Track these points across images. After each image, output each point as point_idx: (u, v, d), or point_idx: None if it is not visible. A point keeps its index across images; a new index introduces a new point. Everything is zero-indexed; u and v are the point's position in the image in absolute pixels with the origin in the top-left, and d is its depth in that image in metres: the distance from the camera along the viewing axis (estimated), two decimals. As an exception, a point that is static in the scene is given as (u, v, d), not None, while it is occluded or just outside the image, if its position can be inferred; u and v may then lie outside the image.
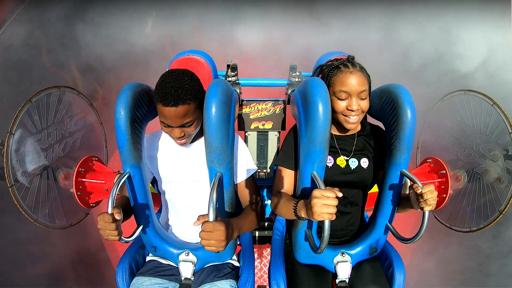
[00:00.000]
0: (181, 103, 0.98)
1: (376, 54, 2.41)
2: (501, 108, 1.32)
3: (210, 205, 0.89)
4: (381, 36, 2.43)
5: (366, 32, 2.50)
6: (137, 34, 2.56)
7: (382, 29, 2.42)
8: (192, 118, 1.03)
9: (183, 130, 1.05)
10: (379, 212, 1.12)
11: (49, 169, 1.38)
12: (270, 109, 1.63)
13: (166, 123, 1.03)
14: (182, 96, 0.98)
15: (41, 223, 1.30)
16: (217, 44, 2.94)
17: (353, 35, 2.50)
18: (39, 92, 1.31)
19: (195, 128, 1.08)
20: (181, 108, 0.99)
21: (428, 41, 2.33)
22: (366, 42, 2.47)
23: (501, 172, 1.33)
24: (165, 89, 0.98)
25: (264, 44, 3.08)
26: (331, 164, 1.12)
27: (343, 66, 1.04)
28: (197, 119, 1.06)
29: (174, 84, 0.98)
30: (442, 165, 1.41)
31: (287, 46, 2.97)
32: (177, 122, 1.01)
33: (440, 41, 2.29)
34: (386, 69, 2.24)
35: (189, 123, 1.04)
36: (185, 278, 1.13)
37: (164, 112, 1.00)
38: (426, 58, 2.32)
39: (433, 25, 2.31)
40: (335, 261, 1.13)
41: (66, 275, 1.85)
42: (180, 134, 1.05)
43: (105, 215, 0.92)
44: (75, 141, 1.56)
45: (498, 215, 1.32)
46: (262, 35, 3.08)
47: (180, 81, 1.00)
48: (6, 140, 1.19)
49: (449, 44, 2.21)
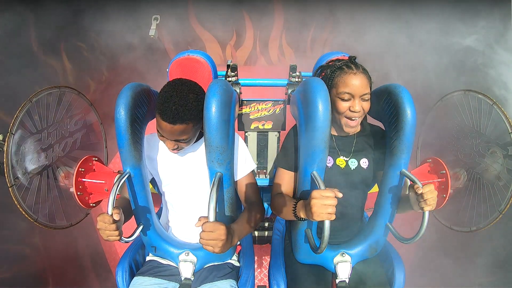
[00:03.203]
0: (179, 122, 0.97)
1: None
2: (501, 108, 1.32)
3: (210, 205, 0.89)
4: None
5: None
6: (139, 34, 2.57)
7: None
8: (187, 136, 1.03)
9: (177, 144, 1.05)
10: (379, 212, 1.12)
11: (49, 169, 1.38)
12: (270, 109, 1.63)
13: (161, 133, 1.03)
14: (182, 116, 0.97)
15: (41, 223, 1.30)
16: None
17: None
18: (39, 92, 1.31)
19: (190, 143, 1.08)
20: (179, 126, 0.98)
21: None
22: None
23: (501, 172, 1.33)
24: (167, 103, 0.96)
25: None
26: (330, 165, 1.12)
27: (346, 67, 1.04)
28: (194, 135, 1.06)
29: (178, 100, 0.97)
30: (442, 165, 1.41)
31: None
32: (172, 137, 1.02)
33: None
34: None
35: (184, 140, 1.04)
36: (185, 278, 1.13)
37: (160, 125, 1.00)
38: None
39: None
40: (335, 261, 1.13)
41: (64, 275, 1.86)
42: (173, 146, 1.05)
43: (105, 216, 0.92)
44: (75, 141, 1.56)
45: (498, 215, 1.32)
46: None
47: (185, 99, 0.98)
48: (7, 140, 1.19)
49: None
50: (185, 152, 1.18)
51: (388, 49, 2.31)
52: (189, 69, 1.35)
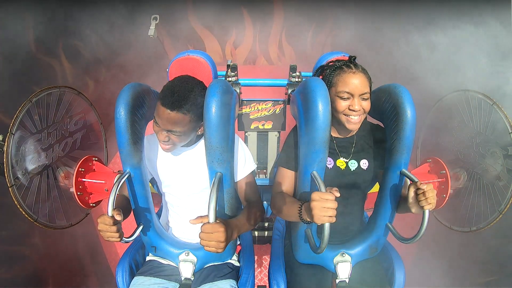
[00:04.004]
0: (177, 109, 0.97)
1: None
2: (501, 108, 1.32)
3: (210, 205, 0.89)
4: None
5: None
6: (139, 34, 2.57)
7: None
8: (181, 129, 1.02)
9: (169, 136, 1.03)
10: (379, 212, 1.12)
11: (49, 169, 1.38)
12: (270, 109, 1.63)
13: (157, 121, 1.02)
14: (181, 103, 0.97)
15: (41, 223, 1.30)
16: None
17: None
18: (39, 92, 1.31)
19: (181, 140, 1.06)
20: (175, 114, 0.98)
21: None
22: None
23: (501, 172, 1.33)
24: (170, 89, 0.98)
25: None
26: (331, 166, 1.12)
27: (345, 67, 1.04)
28: (187, 132, 1.05)
29: (181, 89, 0.97)
30: (442, 165, 1.41)
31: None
32: (166, 125, 1.01)
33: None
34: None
35: (177, 132, 1.02)
36: (185, 278, 1.13)
37: (158, 110, 1.00)
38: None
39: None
40: (335, 261, 1.13)
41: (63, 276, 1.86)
42: (164, 138, 1.04)
43: (106, 218, 0.91)
44: (75, 141, 1.56)
45: (498, 215, 1.32)
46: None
47: (189, 89, 0.98)
48: (6, 140, 1.19)
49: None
50: (184, 152, 1.18)
51: (388, 49, 2.31)
52: (189, 69, 1.34)
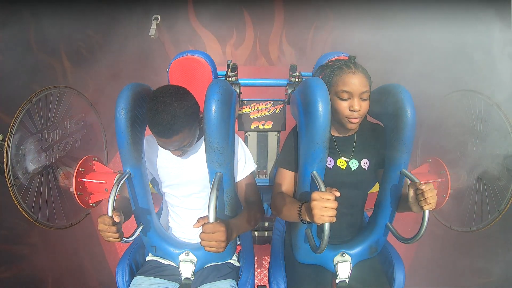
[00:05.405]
0: (174, 134, 0.97)
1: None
2: (501, 108, 1.32)
3: (210, 206, 0.89)
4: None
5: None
6: (139, 34, 2.57)
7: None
8: (188, 141, 1.04)
9: (181, 149, 1.07)
10: (379, 212, 1.12)
11: (49, 169, 1.38)
12: (270, 109, 1.63)
13: (161, 146, 1.05)
14: (174, 128, 0.96)
15: (41, 223, 1.30)
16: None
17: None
18: (39, 92, 1.31)
19: (191, 144, 1.08)
20: (175, 138, 0.99)
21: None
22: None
23: (501, 172, 1.33)
24: (157, 120, 0.95)
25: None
26: (331, 166, 1.12)
27: (345, 67, 1.04)
28: (193, 138, 1.07)
29: (165, 115, 0.95)
30: (442, 165, 1.41)
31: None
32: (173, 148, 1.03)
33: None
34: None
35: (185, 145, 1.05)
36: (185, 278, 1.13)
37: (158, 140, 1.02)
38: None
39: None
40: (335, 261, 1.13)
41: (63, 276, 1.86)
42: (178, 153, 1.08)
43: (105, 218, 0.91)
44: (75, 141, 1.56)
45: (498, 215, 1.32)
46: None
47: (172, 111, 0.96)
48: (6, 140, 1.19)
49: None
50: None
51: (388, 49, 2.31)
52: (189, 69, 1.35)
